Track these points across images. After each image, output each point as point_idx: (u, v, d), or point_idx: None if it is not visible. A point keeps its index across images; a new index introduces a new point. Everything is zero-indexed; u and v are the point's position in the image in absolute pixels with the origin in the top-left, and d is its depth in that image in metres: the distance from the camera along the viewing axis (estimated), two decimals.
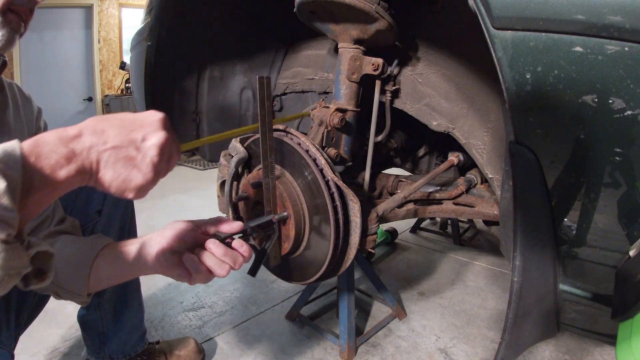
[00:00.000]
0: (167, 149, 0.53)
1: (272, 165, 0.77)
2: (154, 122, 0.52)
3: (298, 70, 1.47)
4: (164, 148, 0.52)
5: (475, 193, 1.23)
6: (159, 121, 0.53)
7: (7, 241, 0.39)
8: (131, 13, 5.18)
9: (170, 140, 0.53)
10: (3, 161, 0.40)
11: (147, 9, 1.35)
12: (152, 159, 0.51)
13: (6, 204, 0.39)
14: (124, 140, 0.49)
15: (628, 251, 0.60)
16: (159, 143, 0.51)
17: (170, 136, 0.53)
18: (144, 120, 0.52)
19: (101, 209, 1.03)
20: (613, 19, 0.49)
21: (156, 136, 0.51)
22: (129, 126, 0.50)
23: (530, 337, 0.80)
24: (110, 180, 0.49)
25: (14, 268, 0.41)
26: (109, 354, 1.14)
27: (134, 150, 0.50)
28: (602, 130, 0.56)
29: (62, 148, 0.46)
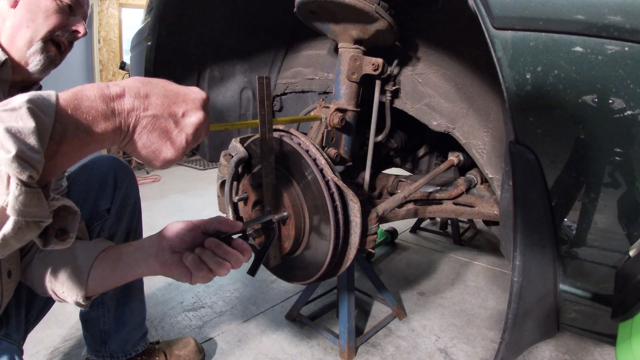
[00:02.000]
0: (202, 130, 0.53)
1: (272, 165, 0.77)
2: (196, 100, 0.52)
3: (298, 70, 1.47)
4: (200, 128, 0.53)
5: (475, 193, 1.23)
6: (201, 100, 0.53)
7: (27, 183, 0.38)
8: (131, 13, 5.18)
9: (207, 122, 0.54)
10: (35, 103, 0.40)
11: (147, 9, 1.35)
12: (187, 137, 0.51)
13: (33, 144, 0.38)
14: (164, 111, 0.49)
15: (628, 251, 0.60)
16: (197, 122, 0.52)
17: (207, 117, 0.54)
18: (187, 95, 0.52)
19: (110, 207, 1.04)
20: (613, 19, 0.49)
21: (196, 115, 0.52)
22: (173, 98, 0.51)
23: (530, 337, 0.80)
24: (142, 146, 0.49)
25: (32, 215, 0.39)
26: (110, 352, 1.14)
27: (172, 124, 0.50)
28: (602, 130, 0.56)
29: (102, 105, 0.45)
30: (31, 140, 0.38)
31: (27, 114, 0.38)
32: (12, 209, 0.37)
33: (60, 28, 0.78)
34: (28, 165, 0.38)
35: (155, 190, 3.63)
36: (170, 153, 0.51)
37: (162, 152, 0.51)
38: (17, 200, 0.37)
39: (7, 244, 0.40)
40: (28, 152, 0.38)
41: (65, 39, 0.80)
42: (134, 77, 0.51)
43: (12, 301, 0.85)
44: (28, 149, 0.38)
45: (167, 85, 0.52)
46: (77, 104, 0.43)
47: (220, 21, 1.38)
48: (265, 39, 1.49)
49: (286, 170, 0.89)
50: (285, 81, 1.51)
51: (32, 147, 0.38)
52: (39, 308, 0.97)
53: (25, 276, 0.82)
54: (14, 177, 0.37)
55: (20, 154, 0.37)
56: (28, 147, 0.38)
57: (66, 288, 0.76)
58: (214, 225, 0.68)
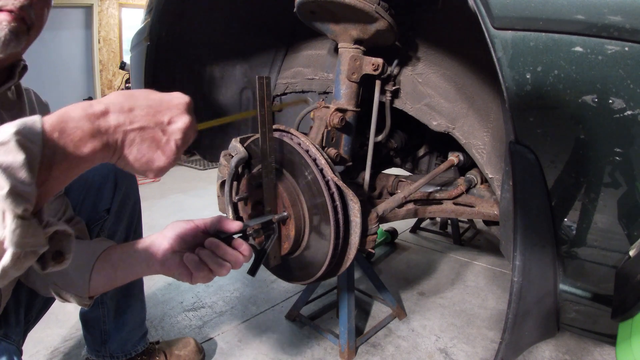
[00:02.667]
0: (190, 133, 0.54)
1: (272, 165, 0.77)
2: (180, 105, 0.53)
3: (298, 70, 1.47)
4: (187, 132, 0.53)
5: (475, 193, 1.23)
6: (185, 104, 0.54)
7: (23, 216, 0.38)
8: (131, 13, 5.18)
9: (194, 124, 0.55)
10: (22, 133, 0.39)
11: (147, 9, 1.35)
12: (177, 142, 0.52)
13: (24, 178, 0.38)
14: (150, 121, 0.50)
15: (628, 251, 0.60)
16: (184, 127, 0.53)
17: (193, 120, 0.55)
18: (170, 102, 0.53)
19: (110, 207, 1.04)
20: (613, 19, 0.49)
21: (182, 120, 0.52)
22: (156, 107, 0.51)
23: (530, 337, 0.80)
24: (134, 159, 0.50)
25: (29, 245, 0.39)
26: (110, 352, 1.14)
27: (160, 132, 0.51)
28: (602, 130, 0.56)
29: (88, 124, 0.45)
30: (22, 174, 0.38)
31: (15, 147, 0.38)
32: (10, 242, 0.37)
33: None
34: (22, 199, 0.38)
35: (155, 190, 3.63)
36: (163, 161, 0.52)
37: (155, 162, 0.51)
38: (14, 234, 0.37)
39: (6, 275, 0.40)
40: (21, 186, 0.38)
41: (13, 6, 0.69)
42: (116, 92, 0.51)
43: (10, 301, 0.84)
44: (20, 183, 0.38)
45: (150, 95, 0.52)
46: (62, 127, 0.43)
47: (220, 21, 1.38)
48: (265, 39, 1.49)
49: (286, 170, 0.89)
50: (285, 81, 1.51)
51: (24, 180, 0.38)
52: (38, 308, 0.97)
53: (27, 277, 0.82)
54: (9, 212, 0.37)
55: (14, 189, 0.37)
56: (20, 181, 0.38)
57: (69, 288, 0.76)
58: (214, 225, 0.68)
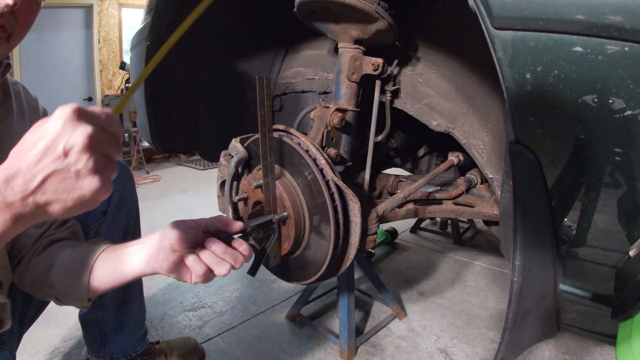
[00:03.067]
0: (98, 140, 0.44)
1: (272, 165, 0.77)
2: (66, 126, 0.43)
3: (298, 70, 1.47)
4: (91, 145, 0.44)
5: (475, 193, 1.23)
6: (71, 120, 0.43)
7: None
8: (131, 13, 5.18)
9: (96, 130, 0.44)
10: None
11: (147, 9, 1.35)
12: (87, 167, 0.44)
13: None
14: (48, 168, 0.43)
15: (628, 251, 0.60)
16: (82, 147, 0.43)
17: (94, 126, 0.44)
18: (53, 129, 0.43)
19: (106, 209, 1.03)
20: (613, 19, 0.49)
21: (76, 139, 0.43)
22: (44, 146, 0.43)
23: (530, 337, 0.80)
24: (60, 209, 0.45)
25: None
26: (110, 353, 1.14)
27: (65, 171, 0.43)
28: (602, 130, 0.56)
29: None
30: None
31: None
32: None
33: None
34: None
35: (155, 190, 3.63)
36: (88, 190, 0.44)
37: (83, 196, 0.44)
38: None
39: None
40: None
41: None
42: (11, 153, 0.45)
43: None
44: None
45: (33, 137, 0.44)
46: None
47: (220, 21, 1.38)
48: (265, 39, 1.49)
49: (286, 170, 0.89)
50: (285, 81, 1.51)
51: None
52: (34, 311, 0.96)
53: (22, 282, 0.81)
54: None
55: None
56: None
57: (68, 291, 0.76)
58: (214, 224, 0.68)
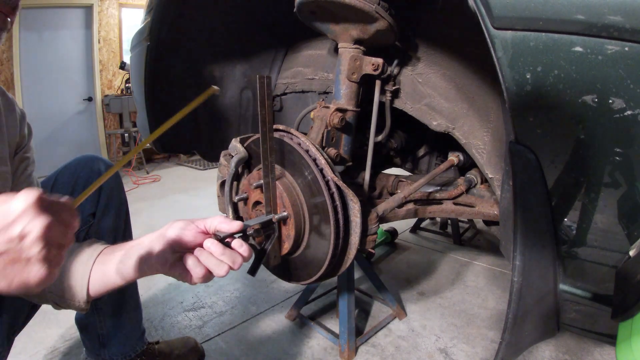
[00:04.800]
0: (53, 232, 0.45)
1: (272, 165, 0.77)
2: (27, 211, 0.43)
3: (298, 70, 1.47)
4: (47, 236, 0.44)
5: (475, 193, 1.23)
6: (33, 206, 0.44)
7: None
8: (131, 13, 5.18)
9: (54, 223, 0.45)
10: None
11: (147, 9, 1.35)
12: (38, 256, 0.44)
13: None
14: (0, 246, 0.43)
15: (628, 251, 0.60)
16: (38, 235, 0.44)
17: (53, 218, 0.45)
18: (14, 210, 0.43)
19: (95, 211, 1.02)
20: (613, 19, 0.49)
21: (34, 227, 0.43)
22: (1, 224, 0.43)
23: (530, 337, 0.80)
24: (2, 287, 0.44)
25: None
26: (109, 355, 1.14)
27: (17, 253, 0.44)
28: (602, 130, 0.56)
29: None
30: None
31: None
32: None
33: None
34: None
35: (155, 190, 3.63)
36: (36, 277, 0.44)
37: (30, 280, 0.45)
38: None
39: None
40: None
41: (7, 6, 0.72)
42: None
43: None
44: None
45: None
46: None
47: (220, 21, 1.38)
48: (265, 39, 1.49)
49: (286, 170, 0.89)
50: (285, 81, 1.51)
51: None
52: (24, 315, 0.95)
53: None
54: None
55: None
56: None
57: (66, 295, 0.75)
58: (214, 224, 0.68)
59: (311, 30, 1.12)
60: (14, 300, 0.87)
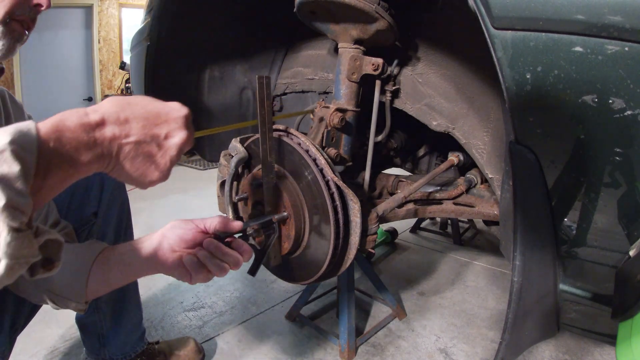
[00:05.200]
0: (186, 147, 0.53)
1: (272, 165, 0.77)
2: (178, 119, 0.52)
3: (298, 70, 1.47)
4: (183, 147, 0.52)
5: (475, 193, 1.23)
6: (183, 118, 0.52)
7: (19, 229, 0.37)
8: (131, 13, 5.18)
9: (190, 139, 0.53)
10: (17, 142, 0.38)
11: (147, 9, 1.35)
12: (172, 158, 0.51)
13: (20, 189, 0.37)
14: (147, 135, 0.49)
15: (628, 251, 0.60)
16: (180, 142, 0.51)
17: (191, 134, 0.53)
18: (168, 114, 0.51)
19: (97, 210, 1.02)
20: (613, 19, 0.49)
21: (179, 135, 0.51)
22: (154, 119, 0.50)
23: (530, 337, 0.80)
24: (127, 172, 0.49)
25: (23, 257, 0.39)
26: (109, 355, 1.14)
27: (156, 147, 0.50)
28: (602, 130, 0.56)
29: (84, 135, 0.44)
30: (18, 185, 0.37)
31: (11, 157, 0.37)
32: (5, 254, 0.37)
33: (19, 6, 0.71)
34: (18, 212, 0.37)
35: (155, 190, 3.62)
36: (155, 176, 0.51)
37: (148, 176, 0.51)
38: (9, 246, 0.36)
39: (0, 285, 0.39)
40: (16, 199, 0.36)
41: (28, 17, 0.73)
42: (112, 100, 0.49)
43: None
44: (16, 195, 0.36)
45: (147, 105, 0.50)
46: (58, 136, 0.42)
47: (220, 21, 1.38)
48: (265, 39, 1.49)
49: (286, 170, 0.89)
50: (285, 81, 1.51)
51: (20, 191, 0.37)
52: (26, 315, 0.95)
53: (17, 286, 0.79)
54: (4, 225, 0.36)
55: (9, 202, 0.36)
56: (16, 193, 0.36)
57: (65, 294, 0.75)
58: (214, 224, 0.68)
59: (311, 30, 1.12)
60: (16, 299, 0.87)
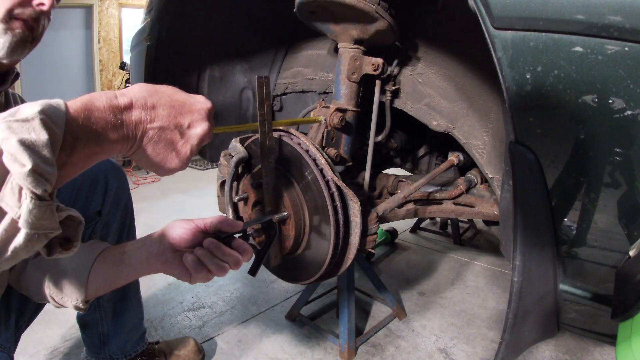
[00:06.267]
0: (206, 139, 0.55)
1: (272, 165, 0.77)
2: (201, 110, 0.53)
3: (298, 70, 1.47)
4: (204, 138, 0.54)
5: (475, 193, 1.23)
6: (206, 110, 0.54)
7: (42, 197, 0.38)
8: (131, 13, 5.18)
9: (211, 131, 0.55)
10: (46, 113, 0.39)
11: (147, 9, 1.35)
12: (192, 147, 0.53)
13: (47, 157, 0.38)
14: (171, 122, 0.51)
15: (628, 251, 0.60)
16: (202, 133, 0.53)
17: (212, 127, 0.55)
18: (193, 105, 0.53)
19: (100, 209, 1.02)
20: (613, 19, 0.49)
21: (201, 126, 0.53)
22: (179, 108, 0.51)
23: (530, 337, 0.80)
24: (149, 156, 0.51)
25: (44, 228, 0.39)
26: (109, 354, 1.14)
27: (178, 135, 0.51)
28: (602, 130, 0.56)
29: (112, 116, 0.46)
30: (45, 153, 0.38)
31: (40, 126, 0.38)
32: (26, 222, 0.37)
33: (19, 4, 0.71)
34: (43, 179, 0.37)
35: (155, 190, 3.63)
36: (175, 163, 0.53)
37: (167, 162, 0.52)
38: (30, 214, 0.37)
39: (16, 256, 0.40)
40: (43, 166, 0.37)
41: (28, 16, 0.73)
42: (141, 86, 0.51)
43: (1, 307, 0.83)
44: (42, 162, 0.37)
45: (174, 94, 0.53)
46: (87, 115, 0.44)
47: (220, 21, 1.38)
48: (265, 39, 1.49)
49: (286, 170, 0.89)
50: (285, 81, 1.51)
51: (47, 159, 0.38)
52: (30, 312, 0.95)
53: (19, 284, 0.80)
54: (27, 191, 0.37)
55: (36, 167, 0.37)
56: (42, 160, 0.37)
57: (66, 293, 0.75)
58: (214, 225, 0.68)
59: (311, 30, 1.12)
60: (20, 297, 0.87)
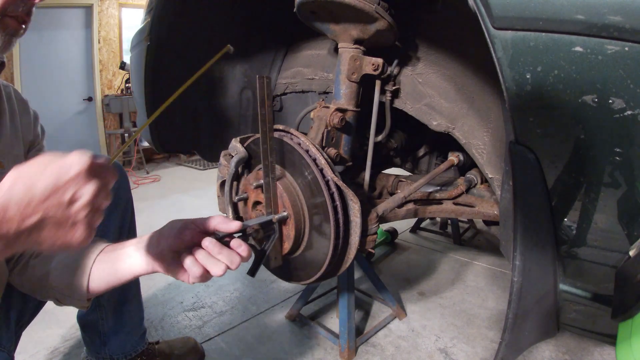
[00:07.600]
0: (100, 200, 0.49)
1: (272, 165, 0.77)
2: (79, 175, 0.46)
3: (298, 70, 1.47)
4: (95, 202, 0.48)
5: (475, 193, 1.23)
6: (84, 172, 0.47)
7: None
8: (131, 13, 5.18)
9: (101, 189, 0.49)
10: None
11: (147, 9, 1.35)
12: (87, 217, 0.48)
13: None
14: (51, 208, 0.46)
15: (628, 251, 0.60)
16: (88, 200, 0.47)
17: (100, 183, 0.48)
18: (67, 174, 0.46)
19: None
20: (613, 19, 0.49)
21: (85, 192, 0.47)
22: (53, 188, 0.45)
23: (530, 337, 0.80)
24: (48, 246, 0.47)
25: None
26: (110, 354, 1.14)
27: (65, 217, 0.47)
28: (602, 130, 0.56)
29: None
30: None
31: None
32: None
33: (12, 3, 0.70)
34: None
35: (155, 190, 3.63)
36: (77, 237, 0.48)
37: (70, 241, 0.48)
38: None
39: None
40: None
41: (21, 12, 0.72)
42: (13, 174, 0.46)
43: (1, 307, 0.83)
44: None
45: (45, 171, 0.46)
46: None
47: (220, 21, 1.38)
48: (265, 39, 1.49)
49: (286, 170, 0.89)
50: (285, 81, 1.51)
51: None
52: (30, 312, 0.96)
53: (21, 284, 0.81)
54: None
55: None
56: None
57: (67, 291, 0.76)
58: (213, 224, 0.68)
59: (311, 30, 1.12)
60: (21, 296, 0.87)
